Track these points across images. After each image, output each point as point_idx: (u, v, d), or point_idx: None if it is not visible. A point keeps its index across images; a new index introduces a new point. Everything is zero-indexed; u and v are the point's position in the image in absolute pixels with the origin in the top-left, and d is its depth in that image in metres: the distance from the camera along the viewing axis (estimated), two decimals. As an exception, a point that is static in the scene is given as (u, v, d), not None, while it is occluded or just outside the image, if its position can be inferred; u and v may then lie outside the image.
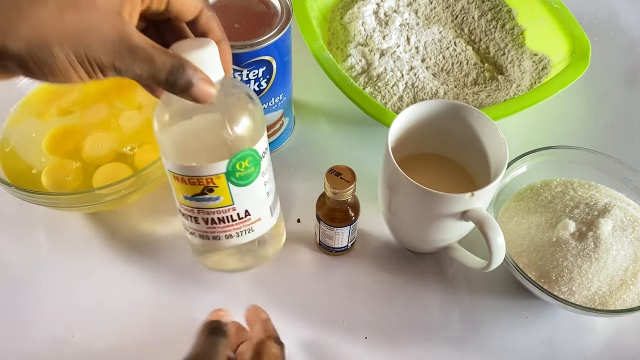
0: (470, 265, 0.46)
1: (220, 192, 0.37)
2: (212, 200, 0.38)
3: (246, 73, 0.47)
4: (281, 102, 0.53)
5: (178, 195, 0.39)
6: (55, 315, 0.48)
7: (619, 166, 0.52)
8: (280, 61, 0.48)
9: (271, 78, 0.49)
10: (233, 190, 0.38)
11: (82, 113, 0.55)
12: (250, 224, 0.40)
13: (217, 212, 0.39)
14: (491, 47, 0.67)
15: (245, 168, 0.37)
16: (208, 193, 0.37)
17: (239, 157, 0.36)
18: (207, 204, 0.38)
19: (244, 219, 0.40)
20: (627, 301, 0.45)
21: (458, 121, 0.47)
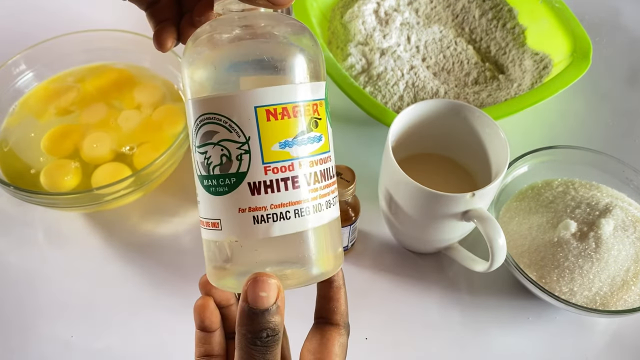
0: (471, 266, 0.46)
1: (322, 130, 0.27)
2: (317, 142, 0.26)
3: None
4: None
5: (267, 147, 0.25)
6: (54, 315, 0.47)
7: (621, 166, 0.51)
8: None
9: None
10: (329, 129, 0.28)
11: (81, 113, 0.55)
12: (335, 190, 0.28)
13: (320, 162, 0.27)
14: (492, 47, 0.67)
15: (327, 103, 0.28)
16: (314, 129, 0.26)
17: (326, 86, 0.28)
18: (311, 149, 0.26)
19: (334, 179, 0.28)
20: (629, 301, 0.45)
21: (459, 121, 0.47)
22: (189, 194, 0.55)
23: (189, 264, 0.50)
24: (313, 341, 0.29)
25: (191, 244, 0.51)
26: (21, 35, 0.62)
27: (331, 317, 0.30)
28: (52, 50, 0.56)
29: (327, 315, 0.30)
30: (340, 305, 0.30)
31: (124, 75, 0.58)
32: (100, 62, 0.58)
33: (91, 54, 0.58)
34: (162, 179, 0.51)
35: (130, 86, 0.57)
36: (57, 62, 0.57)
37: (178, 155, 0.50)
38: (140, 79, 0.57)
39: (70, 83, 0.57)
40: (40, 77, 0.57)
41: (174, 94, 0.56)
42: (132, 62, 0.58)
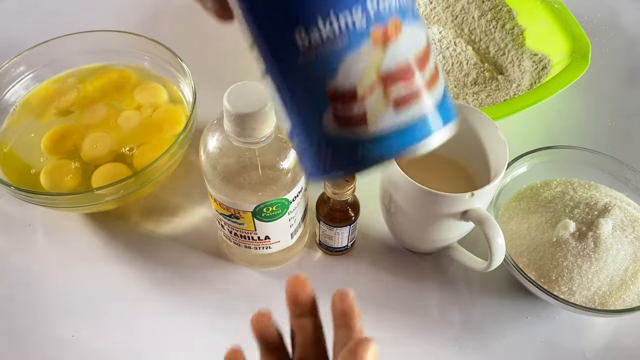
0: (470, 266, 0.46)
1: (245, 221, 0.43)
2: (238, 223, 0.43)
3: None
4: (416, 8, 0.33)
5: (213, 205, 0.44)
6: (54, 315, 0.48)
7: (619, 166, 0.52)
8: None
9: None
10: (257, 223, 0.43)
11: (81, 113, 0.55)
12: (269, 244, 0.46)
13: (240, 231, 0.44)
14: (491, 47, 0.67)
15: (271, 212, 0.42)
16: (234, 218, 0.43)
17: (267, 204, 0.41)
18: (233, 223, 0.44)
19: (264, 240, 0.45)
20: (627, 301, 0.45)
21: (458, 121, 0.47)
22: (189, 194, 0.55)
23: (189, 264, 0.50)
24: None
25: (191, 244, 0.52)
26: (22, 36, 0.62)
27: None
28: (53, 51, 0.56)
29: None
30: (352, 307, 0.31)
31: (124, 75, 0.58)
32: (100, 63, 0.58)
33: (91, 55, 0.58)
34: (163, 179, 0.51)
35: (131, 87, 0.57)
36: (57, 63, 0.57)
37: (178, 155, 0.50)
38: (141, 79, 0.57)
39: (71, 84, 0.57)
40: (40, 77, 0.57)
41: (174, 95, 0.57)
42: (132, 63, 0.58)
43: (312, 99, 0.24)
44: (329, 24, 0.22)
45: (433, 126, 0.25)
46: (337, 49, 0.23)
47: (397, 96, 0.24)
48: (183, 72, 0.54)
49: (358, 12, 0.23)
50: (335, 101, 0.23)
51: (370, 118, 0.23)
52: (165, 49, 0.55)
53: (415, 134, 0.24)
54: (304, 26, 0.22)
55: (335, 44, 0.23)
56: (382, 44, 0.23)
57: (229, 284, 0.49)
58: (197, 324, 0.47)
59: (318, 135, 0.25)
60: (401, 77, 0.24)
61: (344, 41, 0.23)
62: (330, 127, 0.24)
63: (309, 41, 0.23)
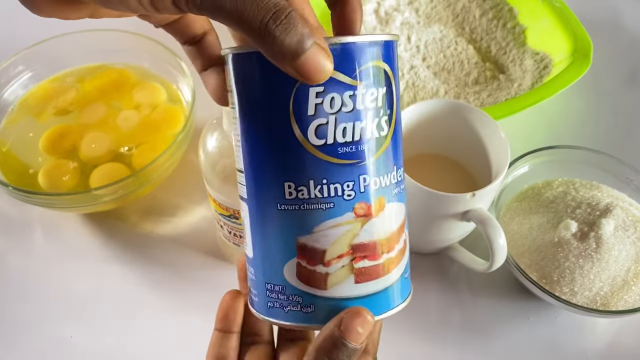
0: (471, 266, 0.46)
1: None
2: (237, 223, 0.43)
3: (362, 92, 0.24)
4: (402, 185, 0.28)
5: (212, 205, 0.44)
6: (53, 316, 0.47)
7: (621, 166, 0.51)
8: (397, 86, 0.27)
9: (393, 114, 0.26)
10: None
11: (80, 112, 0.55)
12: None
13: (240, 231, 0.44)
14: (492, 46, 0.67)
15: None
16: (233, 218, 0.42)
17: None
18: (232, 223, 0.43)
19: None
20: (629, 302, 0.44)
21: (459, 121, 0.47)
22: (188, 194, 0.55)
23: (188, 264, 0.50)
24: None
25: (190, 244, 0.51)
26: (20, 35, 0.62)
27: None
28: (51, 50, 0.56)
29: None
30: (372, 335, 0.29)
31: (123, 75, 0.57)
32: (99, 62, 0.58)
33: (90, 54, 0.58)
34: (161, 179, 0.51)
35: (129, 86, 0.56)
36: (56, 62, 0.57)
37: (177, 155, 0.50)
38: (140, 79, 0.57)
39: (69, 83, 0.57)
40: (39, 77, 0.57)
41: (173, 95, 0.56)
42: (131, 62, 0.58)
43: (282, 245, 0.25)
44: (318, 189, 0.24)
45: (386, 302, 0.27)
46: (318, 211, 0.24)
47: (361, 269, 0.25)
48: (182, 71, 0.54)
49: (349, 187, 0.24)
50: (302, 256, 0.25)
51: (330, 282, 0.25)
52: (165, 48, 0.55)
53: (369, 306, 0.26)
54: (294, 183, 0.24)
55: (318, 206, 0.24)
56: (361, 219, 0.25)
57: (228, 285, 0.49)
58: (196, 324, 0.47)
59: (276, 279, 0.26)
60: (370, 253, 0.25)
61: (327, 207, 0.24)
62: (290, 276, 0.25)
63: (295, 195, 0.24)
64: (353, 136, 0.24)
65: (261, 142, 0.25)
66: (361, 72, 0.24)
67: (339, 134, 0.24)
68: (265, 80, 0.24)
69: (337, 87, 0.23)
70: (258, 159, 0.25)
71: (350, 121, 0.24)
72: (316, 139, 0.24)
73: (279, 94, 0.24)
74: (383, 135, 0.25)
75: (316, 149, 0.24)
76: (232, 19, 0.20)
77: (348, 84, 0.23)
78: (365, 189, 0.24)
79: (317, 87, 0.23)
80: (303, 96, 0.23)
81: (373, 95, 0.24)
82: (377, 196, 0.25)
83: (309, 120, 0.23)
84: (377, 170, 0.25)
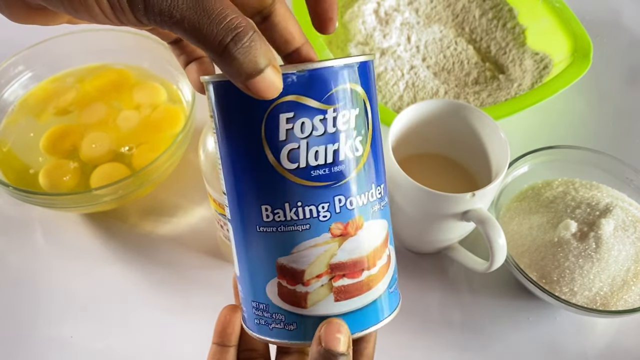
0: (471, 266, 0.46)
1: None
2: None
3: (332, 115, 0.25)
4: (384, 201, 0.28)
5: (212, 205, 0.43)
6: (53, 316, 0.47)
7: (621, 166, 0.51)
8: (373, 106, 0.27)
9: (368, 134, 0.26)
10: None
11: (80, 113, 0.55)
12: None
13: None
14: (492, 46, 0.67)
15: None
16: None
17: None
18: None
19: None
20: (629, 302, 0.44)
21: (459, 121, 0.47)
22: (188, 194, 0.55)
23: (188, 264, 0.50)
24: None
25: (190, 244, 0.51)
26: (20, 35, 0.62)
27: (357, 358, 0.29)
28: (51, 50, 0.56)
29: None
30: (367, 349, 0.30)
31: (123, 75, 0.57)
32: (99, 62, 0.58)
33: (90, 54, 0.58)
34: (161, 179, 0.51)
35: (129, 86, 0.56)
36: (56, 63, 0.57)
37: (177, 155, 0.50)
38: (139, 79, 0.57)
39: (69, 83, 0.57)
40: (39, 77, 0.57)
41: (173, 94, 0.56)
42: (131, 63, 0.58)
43: (263, 265, 0.26)
44: (294, 211, 0.24)
45: (370, 318, 0.27)
46: (295, 233, 0.25)
47: (340, 287, 0.25)
48: (182, 71, 0.53)
49: (324, 208, 0.24)
50: (282, 276, 0.25)
51: (310, 301, 0.25)
52: (165, 48, 0.55)
53: (352, 322, 0.26)
54: (271, 206, 0.25)
55: (295, 228, 0.25)
56: (339, 239, 0.25)
57: (228, 285, 0.49)
58: (195, 324, 0.47)
59: (260, 297, 0.26)
60: (349, 271, 0.25)
61: (303, 228, 0.25)
62: (272, 295, 0.26)
63: (272, 217, 0.25)
64: (326, 159, 0.24)
65: (239, 167, 0.25)
66: (331, 96, 0.24)
67: (311, 158, 0.24)
68: (239, 107, 0.24)
69: (307, 112, 0.24)
70: (237, 182, 0.26)
71: (322, 144, 0.24)
72: (289, 163, 0.24)
73: (252, 121, 0.24)
74: (358, 156, 0.25)
75: (289, 173, 0.24)
76: (191, 35, 0.21)
77: (318, 108, 0.24)
78: (341, 209, 0.25)
79: (287, 113, 0.24)
80: (274, 122, 0.24)
81: (345, 118, 0.24)
82: (354, 215, 0.25)
83: (280, 145, 0.24)
84: (353, 190, 0.25)
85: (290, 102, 0.24)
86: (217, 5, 0.21)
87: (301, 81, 0.23)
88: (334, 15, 0.26)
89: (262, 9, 0.26)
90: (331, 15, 0.26)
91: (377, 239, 0.26)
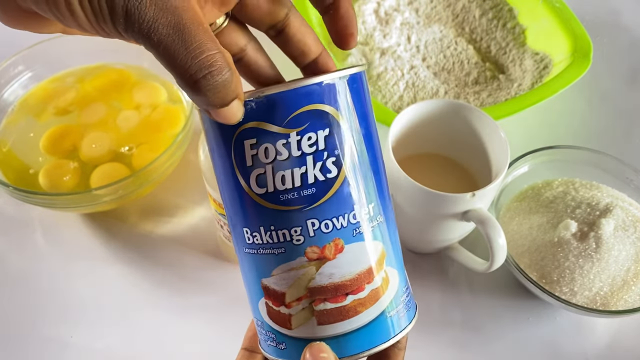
0: (471, 266, 0.46)
1: None
2: None
3: (296, 139, 0.24)
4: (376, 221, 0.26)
5: (212, 205, 0.43)
6: (53, 316, 0.47)
7: (621, 166, 0.51)
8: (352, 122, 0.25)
9: (344, 153, 0.25)
10: None
11: (80, 113, 0.54)
12: None
13: None
14: (492, 46, 0.67)
15: None
16: None
17: None
18: None
19: None
20: (629, 302, 0.44)
21: (459, 121, 0.47)
22: (188, 194, 0.54)
23: (188, 264, 0.50)
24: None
25: (190, 244, 0.51)
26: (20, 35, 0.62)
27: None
28: (51, 50, 0.56)
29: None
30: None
31: (123, 75, 0.57)
32: (99, 62, 0.58)
33: (90, 54, 0.58)
34: (161, 179, 0.51)
35: (130, 86, 0.56)
36: (56, 62, 0.57)
37: (177, 155, 0.50)
38: (140, 79, 0.57)
39: (69, 83, 0.57)
40: (39, 77, 0.57)
41: (173, 94, 0.56)
42: (131, 63, 0.58)
43: (252, 285, 0.26)
44: (268, 235, 0.25)
45: (361, 342, 0.25)
46: (272, 256, 0.25)
47: (322, 311, 0.25)
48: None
49: (297, 232, 0.24)
50: (267, 296, 0.26)
51: (294, 323, 0.25)
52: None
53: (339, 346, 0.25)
54: (249, 229, 0.25)
55: (271, 251, 0.25)
56: (315, 262, 0.24)
57: (228, 285, 0.49)
58: (195, 324, 0.47)
59: (257, 314, 0.27)
60: (330, 296, 0.25)
61: (279, 252, 0.25)
62: (264, 314, 0.26)
63: (252, 240, 0.25)
64: (293, 183, 0.24)
65: (224, 189, 0.26)
66: (292, 120, 0.23)
67: (278, 182, 0.24)
68: (214, 131, 0.25)
69: (269, 137, 0.24)
70: (225, 204, 0.26)
71: (288, 168, 0.24)
72: (258, 187, 0.24)
73: (224, 145, 0.24)
74: (331, 177, 0.24)
75: (260, 198, 0.24)
76: (165, 61, 0.21)
77: (279, 132, 0.23)
78: (315, 232, 0.24)
79: (250, 139, 0.24)
80: (240, 148, 0.24)
81: (312, 140, 0.24)
82: (332, 239, 0.24)
83: (249, 171, 0.24)
84: (328, 212, 0.24)
85: (252, 129, 0.24)
86: (197, 38, 0.20)
87: (260, 107, 0.23)
88: (354, 30, 0.26)
89: (275, 22, 0.26)
90: (352, 30, 0.26)
91: (364, 261, 0.25)
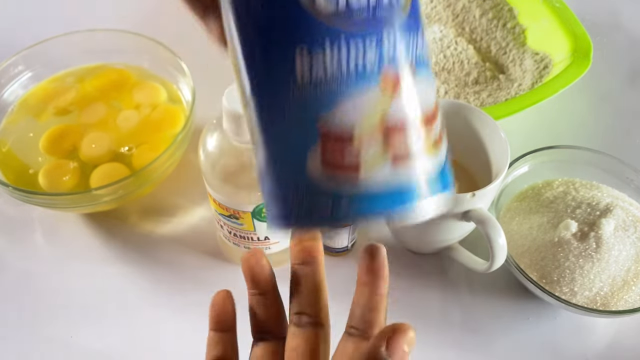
0: (471, 266, 0.46)
1: (244, 221, 0.43)
2: (237, 223, 0.43)
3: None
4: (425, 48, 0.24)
5: (212, 205, 0.44)
6: (53, 316, 0.47)
7: (621, 166, 0.51)
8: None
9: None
10: (256, 223, 0.43)
11: (80, 113, 0.55)
12: (269, 244, 0.46)
13: (240, 231, 0.44)
14: (492, 46, 0.67)
15: None
16: (233, 219, 0.43)
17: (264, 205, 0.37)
18: (232, 223, 0.43)
19: (263, 241, 0.45)
20: (629, 302, 0.44)
21: (459, 121, 0.47)
22: (188, 194, 0.55)
23: (188, 264, 0.50)
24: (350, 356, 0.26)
25: (190, 244, 0.51)
26: (20, 35, 0.62)
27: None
28: (51, 50, 0.56)
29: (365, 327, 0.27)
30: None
31: (123, 75, 0.57)
32: (99, 62, 0.58)
33: (90, 54, 0.58)
34: (161, 179, 0.51)
35: (130, 86, 0.56)
36: (55, 62, 0.57)
37: (177, 155, 0.50)
38: (140, 79, 0.57)
39: (69, 83, 0.57)
40: (39, 77, 0.57)
41: (173, 94, 0.56)
42: (131, 62, 0.58)
43: (301, 130, 0.20)
44: (336, 49, 0.19)
45: (430, 192, 0.21)
46: (340, 80, 0.19)
47: (398, 152, 0.20)
48: (182, 71, 0.54)
49: (372, 45, 0.19)
50: (326, 140, 0.20)
51: (363, 170, 0.20)
52: (165, 48, 0.55)
53: (409, 197, 0.20)
54: (307, 46, 0.19)
55: (339, 73, 0.19)
56: (392, 90, 0.20)
57: (228, 285, 0.49)
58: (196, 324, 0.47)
59: (298, 176, 0.21)
60: (406, 131, 0.20)
61: (350, 73, 0.19)
62: (315, 168, 0.20)
63: (309, 63, 0.19)
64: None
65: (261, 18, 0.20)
66: None
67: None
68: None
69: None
70: (260, 23, 0.20)
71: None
72: (325, 2, 0.19)
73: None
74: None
75: (328, 16, 0.19)
76: None
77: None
78: (392, 54, 0.20)
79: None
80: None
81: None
82: (407, 62, 0.20)
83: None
84: (405, 33, 0.20)
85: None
86: None
87: None
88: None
89: None
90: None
91: (431, 98, 0.21)
